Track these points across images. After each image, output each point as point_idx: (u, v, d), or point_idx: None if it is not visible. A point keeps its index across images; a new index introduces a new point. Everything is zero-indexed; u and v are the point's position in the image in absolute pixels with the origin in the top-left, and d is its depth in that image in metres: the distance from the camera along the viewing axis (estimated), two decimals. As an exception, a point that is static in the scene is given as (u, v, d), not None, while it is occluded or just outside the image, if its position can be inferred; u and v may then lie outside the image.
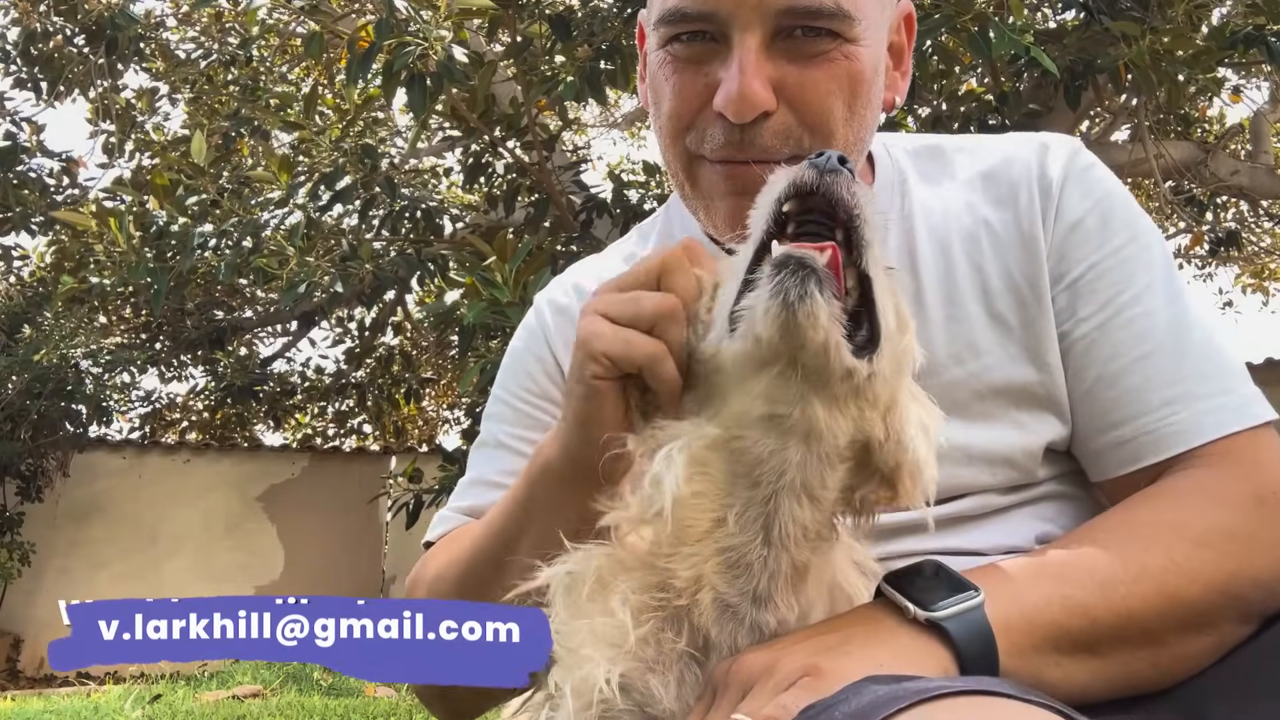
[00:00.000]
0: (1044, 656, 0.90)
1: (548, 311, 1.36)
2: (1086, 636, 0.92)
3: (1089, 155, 1.22)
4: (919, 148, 1.30)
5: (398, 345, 11.00)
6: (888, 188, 1.25)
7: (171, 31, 9.23)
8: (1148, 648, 0.94)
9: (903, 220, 1.22)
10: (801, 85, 1.09)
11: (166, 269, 6.02)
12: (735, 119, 1.08)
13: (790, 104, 1.10)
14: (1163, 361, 1.10)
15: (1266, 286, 11.91)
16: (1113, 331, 1.12)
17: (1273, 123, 8.72)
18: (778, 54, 1.09)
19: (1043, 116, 6.46)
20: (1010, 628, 0.89)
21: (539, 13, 5.85)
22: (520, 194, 6.98)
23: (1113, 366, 1.12)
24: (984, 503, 1.14)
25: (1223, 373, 1.10)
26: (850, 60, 1.10)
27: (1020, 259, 1.17)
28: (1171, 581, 0.95)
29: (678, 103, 1.14)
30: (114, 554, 9.71)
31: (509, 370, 1.38)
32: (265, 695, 5.62)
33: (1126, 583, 0.95)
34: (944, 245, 1.20)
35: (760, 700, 0.82)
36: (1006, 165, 1.22)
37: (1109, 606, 0.93)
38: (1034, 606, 0.92)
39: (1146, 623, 0.94)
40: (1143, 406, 1.09)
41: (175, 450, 10.51)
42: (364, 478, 10.35)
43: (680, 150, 1.17)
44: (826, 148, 1.07)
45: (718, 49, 1.10)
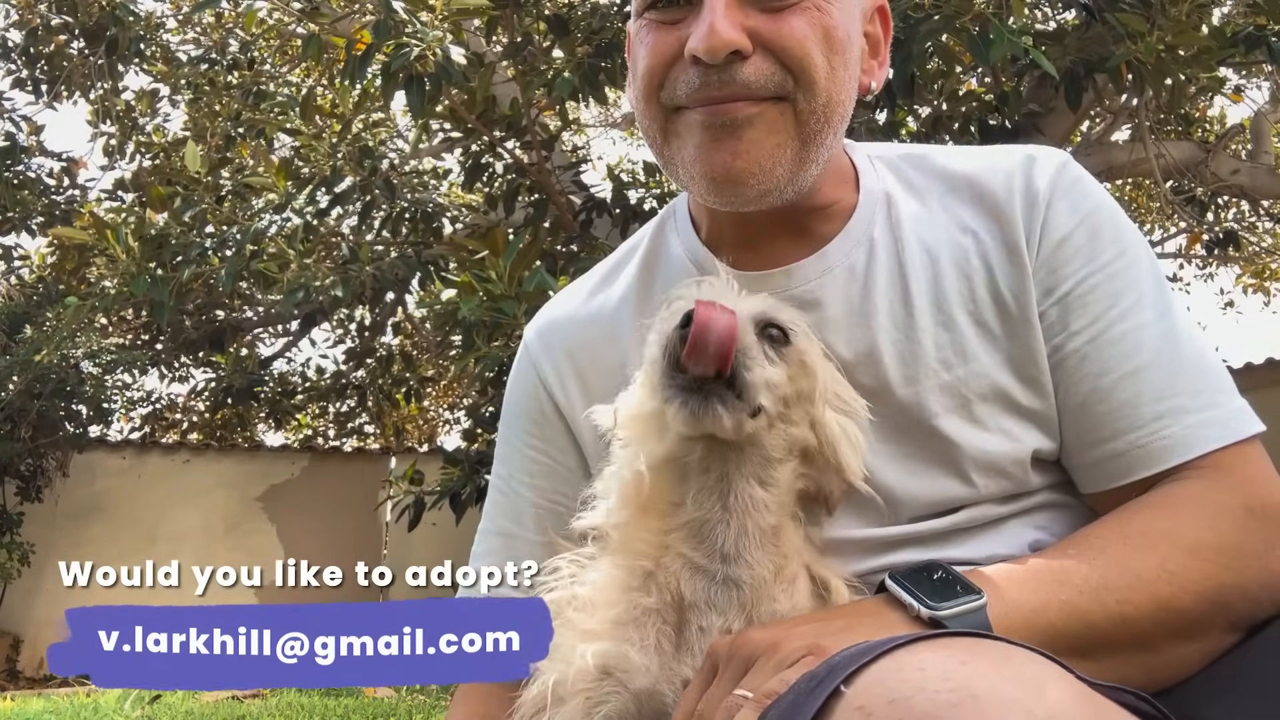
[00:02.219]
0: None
1: (534, 344, 1.37)
2: (1081, 641, 0.94)
3: (1077, 168, 1.22)
4: (903, 155, 1.30)
5: (398, 345, 11.00)
6: (873, 198, 1.25)
7: (172, 33, 9.23)
8: (1140, 654, 0.96)
9: (891, 230, 1.22)
10: (778, 31, 1.11)
11: (168, 279, 6.01)
12: (708, 57, 1.09)
13: (768, 48, 1.11)
14: (1154, 376, 1.11)
15: (1267, 287, 11.90)
16: (1104, 347, 1.13)
17: (1273, 123, 8.72)
18: (748, 4, 1.11)
19: (1043, 117, 6.46)
20: (1009, 630, 0.90)
21: (538, 12, 5.85)
22: (520, 194, 6.98)
23: (1104, 381, 1.12)
24: (981, 514, 1.14)
25: (1213, 387, 1.11)
26: (822, 13, 1.12)
27: (1007, 272, 1.17)
28: (1164, 590, 0.97)
29: (652, 60, 1.16)
30: (114, 554, 9.71)
31: (507, 408, 1.39)
32: (265, 695, 5.62)
33: (1121, 590, 0.97)
34: (932, 254, 1.20)
35: (762, 677, 0.84)
36: (991, 177, 1.22)
37: (1104, 612, 0.95)
38: (1032, 610, 0.94)
39: (1140, 629, 0.96)
40: (1135, 420, 1.10)
41: (175, 450, 10.50)
42: (364, 478, 10.35)
43: (656, 109, 1.18)
44: (810, 95, 1.13)
45: (692, 9, 1.13)
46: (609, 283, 1.37)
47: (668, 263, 1.32)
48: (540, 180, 6.61)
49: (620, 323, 1.31)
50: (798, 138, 1.14)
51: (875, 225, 1.23)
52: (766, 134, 1.13)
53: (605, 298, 1.34)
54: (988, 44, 4.43)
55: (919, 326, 1.17)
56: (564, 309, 1.39)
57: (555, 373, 1.32)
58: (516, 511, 1.33)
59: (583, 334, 1.33)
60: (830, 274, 1.22)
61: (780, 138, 1.14)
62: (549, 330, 1.37)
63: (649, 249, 1.36)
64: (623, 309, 1.32)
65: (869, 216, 1.24)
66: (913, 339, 1.17)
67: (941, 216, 1.22)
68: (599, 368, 1.29)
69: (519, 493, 1.33)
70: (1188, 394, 1.10)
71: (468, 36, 6.31)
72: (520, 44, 6.00)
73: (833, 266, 1.22)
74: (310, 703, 5.26)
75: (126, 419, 10.87)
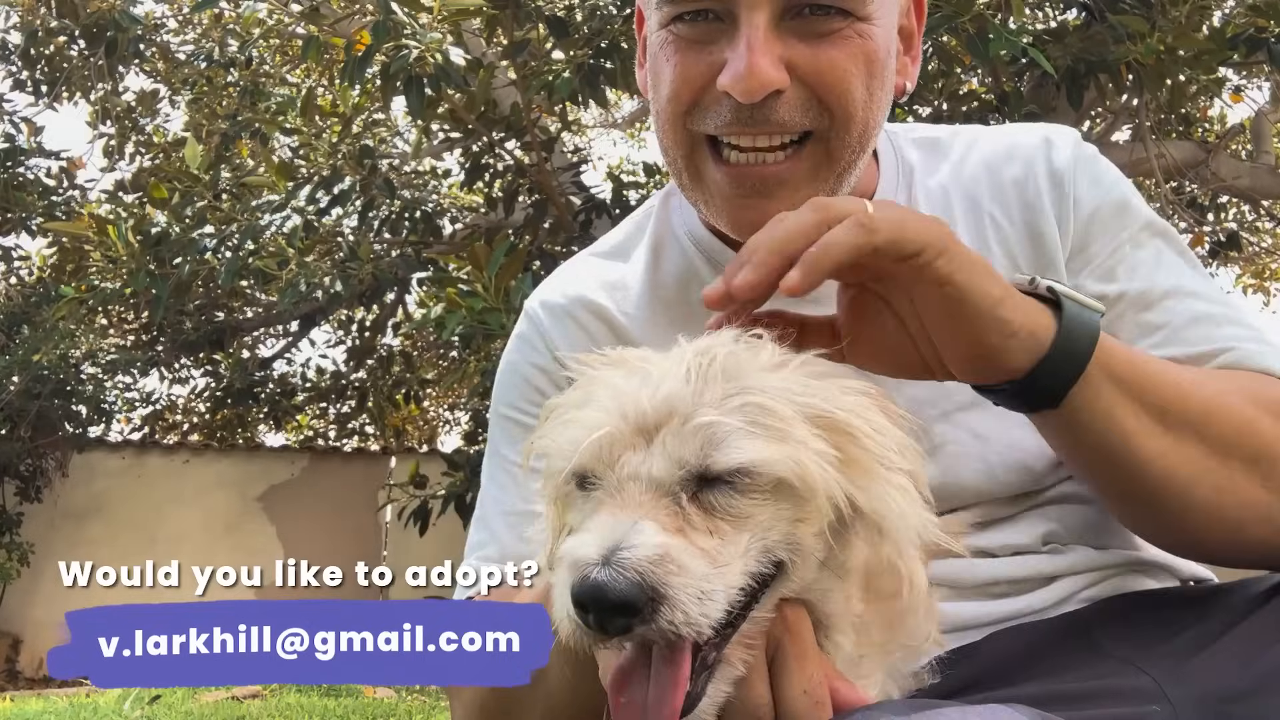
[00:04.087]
0: (1127, 399, 0.91)
1: (542, 314, 1.30)
2: (1171, 408, 0.94)
3: (1090, 145, 1.23)
4: (921, 138, 1.29)
5: (398, 346, 11.00)
6: (894, 178, 1.24)
7: (171, 34, 9.23)
8: (1214, 458, 0.96)
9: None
10: (816, 64, 1.05)
11: (167, 275, 6.02)
12: (744, 99, 1.03)
13: (805, 82, 1.05)
14: (1208, 329, 1.12)
15: (1268, 287, 11.90)
16: (1153, 302, 1.13)
17: (1274, 123, 8.71)
18: (787, 33, 1.04)
19: (1043, 117, 6.45)
20: (1113, 352, 0.91)
21: (537, 13, 5.84)
22: (519, 195, 6.98)
23: (1155, 337, 1.12)
24: (995, 510, 1.14)
25: (1259, 334, 1.13)
26: (864, 39, 1.05)
27: (1027, 254, 1.17)
28: (1250, 412, 0.98)
29: (680, 84, 1.09)
30: (114, 554, 9.70)
31: (508, 385, 1.30)
32: (265, 695, 5.62)
33: (1217, 394, 0.98)
34: None
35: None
36: (1010, 158, 1.20)
37: (1201, 397, 0.96)
38: (1142, 358, 0.94)
39: (1223, 431, 0.96)
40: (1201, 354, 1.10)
41: (175, 451, 10.49)
42: (364, 478, 10.34)
43: (682, 135, 1.12)
44: (846, 130, 1.07)
45: (723, 28, 1.05)
46: (619, 257, 1.33)
47: (675, 248, 1.28)
48: (540, 181, 6.61)
49: (630, 301, 1.26)
50: (830, 175, 1.10)
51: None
52: (799, 186, 1.09)
53: (618, 274, 1.29)
54: (985, 42, 4.44)
55: None
56: (573, 279, 1.33)
57: (567, 341, 1.25)
58: (528, 490, 1.23)
59: (596, 304, 1.27)
60: None
61: (812, 186, 1.10)
62: (559, 299, 1.30)
63: (656, 229, 1.31)
64: (633, 289, 1.27)
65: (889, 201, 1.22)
66: None
67: (959, 201, 1.21)
68: (612, 340, 1.22)
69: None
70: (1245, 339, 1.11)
71: (467, 38, 6.31)
72: (520, 45, 5.99)
73: None
74: (310, 703, 5.26)
75: (126, 420, 10.88)
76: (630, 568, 0.75)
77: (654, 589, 0.75)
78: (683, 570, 0.76)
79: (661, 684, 0.79)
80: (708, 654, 0.80)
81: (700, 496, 0.80)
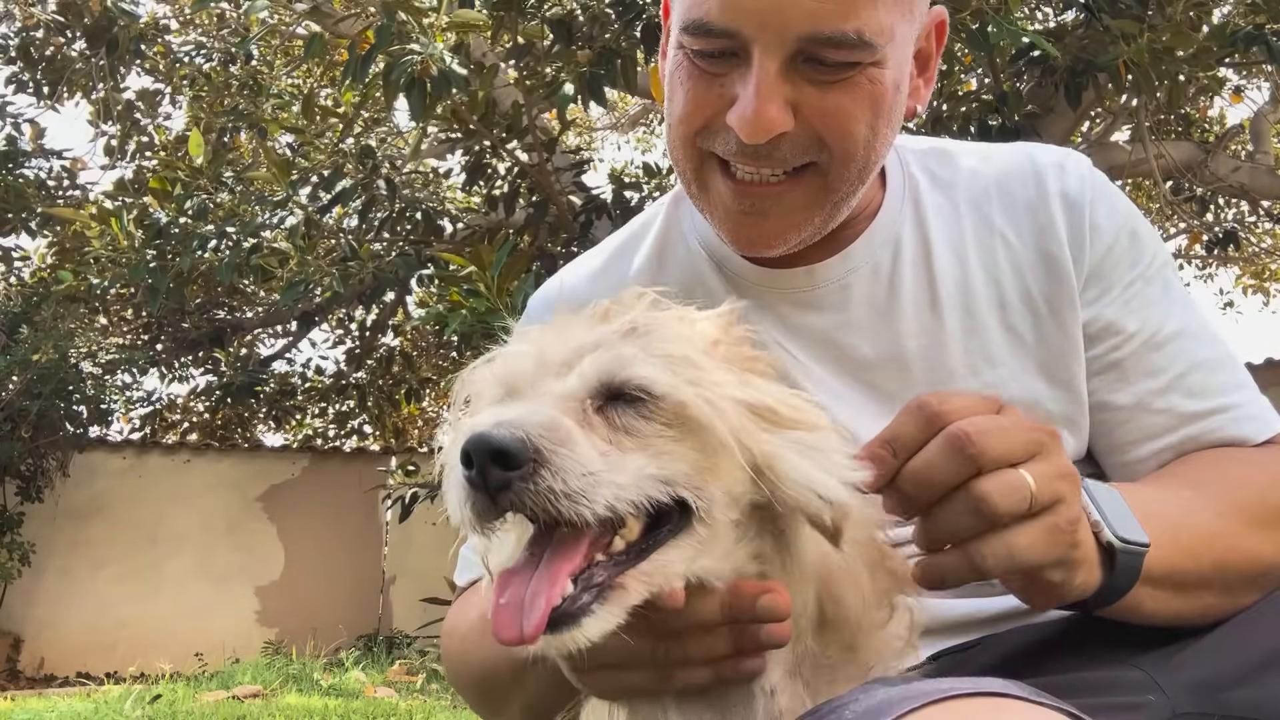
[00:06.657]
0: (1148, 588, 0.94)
1: (537, 308, 1.33)
2: (1186, 577, 0.97)
3: (1100, 172, 1.23)
4: (928, 150, 1.29)
5: (398, 346, 11.00)
6: (900, 195, 1.24)
7: (173, 35, 9.24)
8: (1224, 596, 1.00)
9: (918, 230, 1.21)
10: (823, 108, 1.07)
11: (166, 268, 6.03)
12: (749, 140, 1.07)
13: (810, 123, 1.08)
14: (1202, 375, 1.15)
15: (1267, 287, 11.91)
16: (1154, 349, 1.16)
17: (1273, 123, 8.72)
18: (797, 75, 1.06)
19: (1043, 117, 6.45)
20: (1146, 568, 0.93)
21: (540, 16, 5.85)
22: (520, 196, 6.98)
23: (1158, 382, 1.15)
24: None
25: (1247, 385, 1.17)
26: (874, 83, 1.07)
27: (1039, 277, 1.17)
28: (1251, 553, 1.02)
29: (691, 109, 1.12)
30: (114, 554, 9.71)
31: None
32: (265, 695, 5.62)
33: (1228, 536, 1.01)
34: (960, 255, 1.19)
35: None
36: (1022, 178, 1.21)
37: (1213, 557, 0.99)
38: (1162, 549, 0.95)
39: (1231, 576, 1.00)
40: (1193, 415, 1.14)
41: (175, 450, 10.49)
42: (364, 478, 10.34)
43: (692, 151, 1.15)
44: (845, 165, 1.09)
45: (737, 63, 1.08)
46: (622, 259, 1.34)
47: (681, 252, 1.29)
48: (541, 181, 6.62)
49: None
50: (827, 203, 1.13)
51: (902, 225, 1.22)
52: (794, 209, 1.13)
53: (620, 274, 1.31)
54: (986, 36, 4.45)
55: (946, 330, 1.16)
56: (574, 279, 1.36)
57: None
58: None
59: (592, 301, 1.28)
60: (854, 274, 1.20)
61: (808, 212, 1.13)
62: (560, 297, 1.33)
63: (662, 231, 1.32)
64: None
65: (895, 216, 1.22)
66: (939, 342, 1.16)
67: (970, 218, 1.21)
68: None
69: None
70: (1235, 391, 1.15)
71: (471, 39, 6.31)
72: (523, 48, 6.00)
73: (857, 267, 1.20)
74: (310, 703, 5.26)
75: (126, 419, 10.87)
76: (517, 426, 0.76)
77: (537, 449, 0.75)
78: (571, 443, 0.77)
79: (542, 577, 0.78)
80: (595, 573, 0.79)
81: (605, 410, 0.81)
